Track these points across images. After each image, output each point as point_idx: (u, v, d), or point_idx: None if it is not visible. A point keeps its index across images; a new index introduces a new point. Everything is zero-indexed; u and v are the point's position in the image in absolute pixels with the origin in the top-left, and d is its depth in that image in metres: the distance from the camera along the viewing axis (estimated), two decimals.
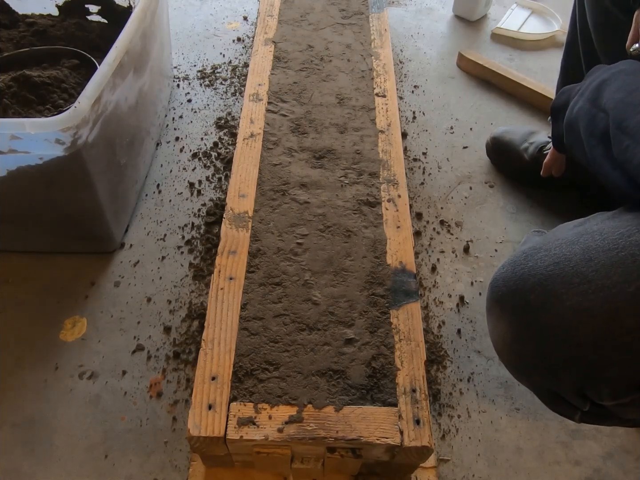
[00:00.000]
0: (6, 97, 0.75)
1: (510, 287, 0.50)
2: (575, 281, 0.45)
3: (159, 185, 0.93)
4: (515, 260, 0.51)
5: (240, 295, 0.62)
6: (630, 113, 0.49)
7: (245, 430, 0.52)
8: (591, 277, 0.44)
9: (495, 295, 0.52)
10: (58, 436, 0.64)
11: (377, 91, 0.90)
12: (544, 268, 0.48)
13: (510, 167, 0.96)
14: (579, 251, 0.47)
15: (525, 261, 0.50)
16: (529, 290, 0.48)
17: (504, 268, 0.52)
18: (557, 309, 0.45)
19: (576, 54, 0.79)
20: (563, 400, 0.49)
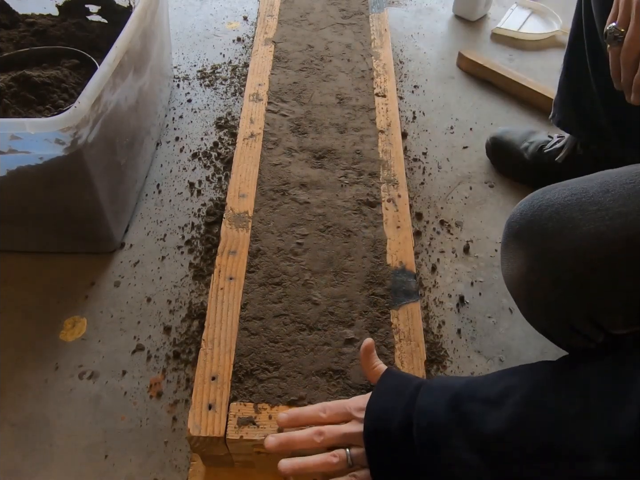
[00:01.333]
0: (6, 97, 0.75)
1: (527, 218, 0.50)
2: (593, 209, 0.46)
3: (159, 185, 0.93)
4: (533, 196, 0.52)
5: (240, 295, 0.62)
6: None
7: (245, 430, 0.52)
8: (608, 205, 0.45)
9: (512, 230, 0.52)
10: (58, 436, 0.64)
11: (377, 91, 0.90)
12: (561, 199, 0.48)
13: (510, 167, 0.96)
14: (596, 184, 0.47)
15: (543, 195, 0.50)
16: (546, 218, 0.48)
17: (521, 204, 0.53)
18: (574, 234, 0.46)
19: (580, 51, 0.79)
20: (577, 333, 0.49)
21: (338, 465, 0.47)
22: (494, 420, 0.41)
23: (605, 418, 0.37)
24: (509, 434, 0.41)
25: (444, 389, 0.47)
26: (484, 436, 0.41)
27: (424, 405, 0.45)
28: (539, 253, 0.49)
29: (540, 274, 0.49)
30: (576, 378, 0.41)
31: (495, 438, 0.41)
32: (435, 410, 0.45)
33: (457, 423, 0.43)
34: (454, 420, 0.43)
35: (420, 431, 0.44)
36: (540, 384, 0.42)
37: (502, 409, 0.42)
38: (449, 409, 0.44)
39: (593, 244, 0.45)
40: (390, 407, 0.47)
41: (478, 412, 0.43)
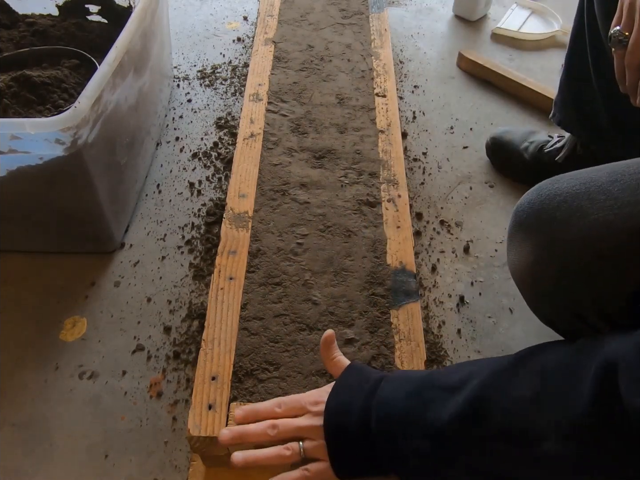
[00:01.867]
0: (6, 97, 0.75)
1: (535, 207, 0.50)
2: (601, 198, 0.45)
3: (159, 185, 0.93)
4: (541, 185, 0.52)
5: (240, 295, 0.62)
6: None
7: None
8: (617, 194, 0.45)
9: (519, 219, 0.52)
10: (58, 436, 0.64)
11: (377, 91, 0.90)
12: (570, 188, 0.48)
13: (510, 167, 0.96)
14: (604, 174, 0.47)
15: (551, 184, 0.50)
16: (554, 207, 0.48)
17: (529, 194, 0.52)
18: (582, 222, 0.46)
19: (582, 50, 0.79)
20: (583, 323, 0.49)
21: (291, 458, 0.47)
22: (451, 405, 0.41)
23: (559, 399, 0.37)
24: (464, 418, 0.40)
25: (404, 380, 0.46)
26: (440, 422, 0.41)
27: (383, 396, 0.45)
28: (547, 242, 0.48)
29: (547, 263, 0.49)
30: (534, 364, 0.41)
31: (450, 423, 0.41)
32: (394, 400, 0.44)
33: (415, 411, 0.43)
34: (412, 409, 0.43)
35: (378, 422, 0.44)
36: (499, 370, 0.42)
37: (459, 395, 0.41)
38: (407, 398, 0.44)
39: (601, 233, 0.44)
40: (349, 401, 0.46)
41: (436, 398, 0.42)
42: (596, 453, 0.35)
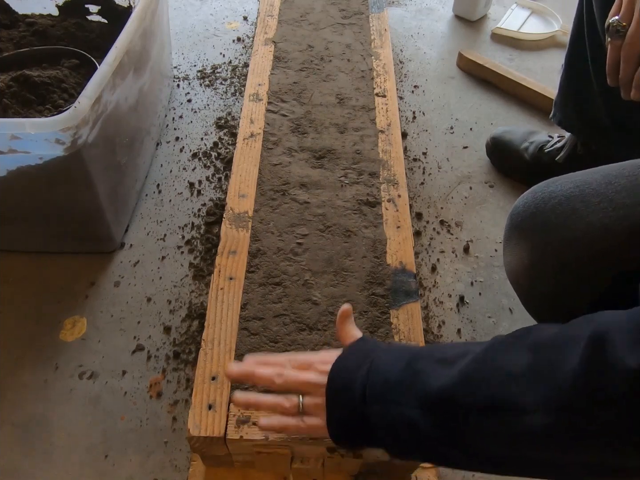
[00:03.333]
0: (6, 97, 0.75)
1: (530, 210, 0.50)
2: (595, 200, 0.46)
3: (159, 185, 0.93)
4: (535, 189, 0.52)
5: (240, 295, 0.62)
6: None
7: (245, 430, 0.52)
8: (611, 196, 0.45)
9: (515, 221, 0.52)
10: (58, 436, 0.64)
11: (377, 91, 0.90)
12: (564, 191, 0.49)
13: (510, 167, 0.96)
14: (599, 177, 0.48)
15: (546, 187, 0.51)
16: (549, 210, 0.48)
17: (524, 197, 0.53)
18: (577, 225, 0.46)
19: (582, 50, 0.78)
20: None
21: (289, 410, 0.47)
22: (444, 376, 0.41)
23: (549, 371, 0.36)
24: (455, 389, 0.40)
25: (403, 350, 0.46)
26: (432, 392, 0.41)
27: (381, 363, 0.45)
28: (543, 244, 0.49)
29: (543, 265, 0.49)
30: (527, 340, 0.40)
31: (441, 394, 0.40)
32: (391, 367, 0.44)
33: (408, 379, 0.43)
34: (407, 377, 0.43)
35: (373, 387, 0.44)
36: (494, 346, 0.41)
37: (452, 368, 0.41)
38: (404, 367, 0.43)
39: (596, 236, 0.45)
40: (355, 365, 0.46)
41: (431, 369, 0.42)
42: (585, 424, 0.34)
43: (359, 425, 0.44)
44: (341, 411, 0.45)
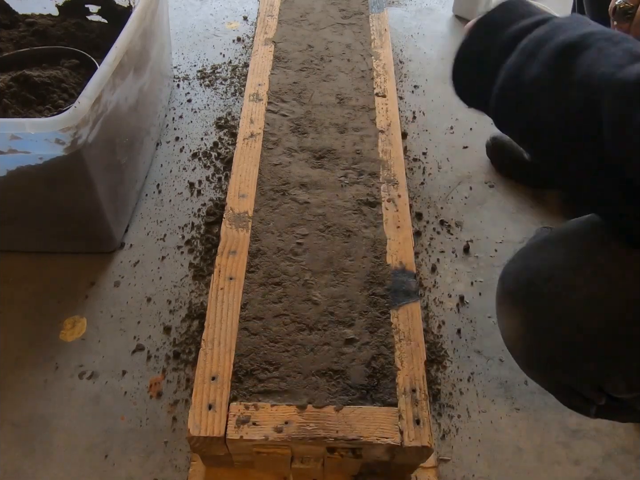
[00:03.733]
0: (6, 97, 0.75)
1: (522, 279, 0.48)
2: (590, 271, 0.44)
3: (159, 185, 0.93)
4: (526, 253, 0.50)
5: (240, 295, 0.62)
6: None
7: (245, 430, 0.52)
8: (606, 266, 0.43)
9: (507, 288, 0.50)
10: (58, 436, 0.64)
11: (377, 91, 0.90)
12: (555, 260, 0.46)
13: (510, 167, 0.96)
14: (592, 241, 0.45)
15: (537, 252, 0.49)
16: (542, 280, 0.46)
17: (514, 261, 0.51)
18: (571, 299, 0.44)
19: None
20: (578, 395, 0.48)
21: None
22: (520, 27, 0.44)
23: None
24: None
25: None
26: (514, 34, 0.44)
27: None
28: (536, 317, 0.47)
29: (537, 340, 0.48)
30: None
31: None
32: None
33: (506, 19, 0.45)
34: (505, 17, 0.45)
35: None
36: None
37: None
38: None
39: (592, 311, 0.43)
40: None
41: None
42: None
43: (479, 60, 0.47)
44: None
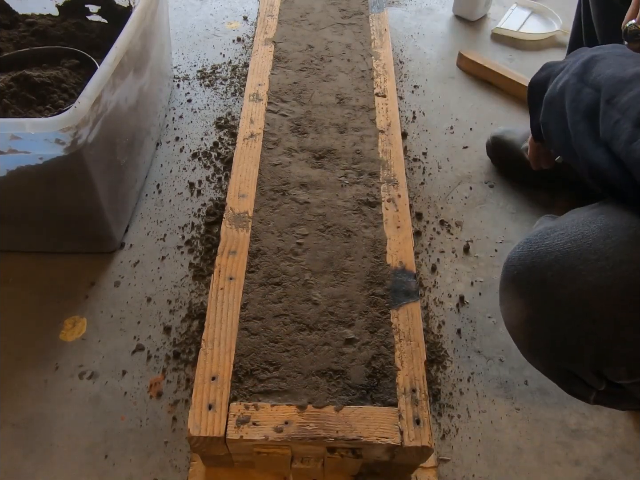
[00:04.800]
0: (6, 97, 0.75)
1: (526, 264, 0.49)
2: (593, 258, 0.44)
3: (159, 185, 0.93)
4: (531, 239, 0.51)
5: (240, 295, 0.62)
6: (622, 89, 0.47)
7: (245, 430, 0.52)
8: (609, 253, 0.44)
9: (511, 274, 0.51)
10: (58, 436, 0.64)
11: (377, 91, 0.90)
12: (561, 245, 0.47)
13: (510, 167, 0.96)
14: (596, 229, 0.46)
15: (542, 239, 0.49)
16: (546, 267, 0.47)
17: (519, 247, 0.52)
18: (574, 285, 0.45)
19: None
20: (578, 380, 0.49)
21: None
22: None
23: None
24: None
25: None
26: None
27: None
28: (539, 303, 0.48)
29: (540, 324, 0.48)
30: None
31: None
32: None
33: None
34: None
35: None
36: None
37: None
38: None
39: (594, 297, 0.44)
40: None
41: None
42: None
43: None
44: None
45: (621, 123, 0.46)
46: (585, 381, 0.48)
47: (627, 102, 0.46)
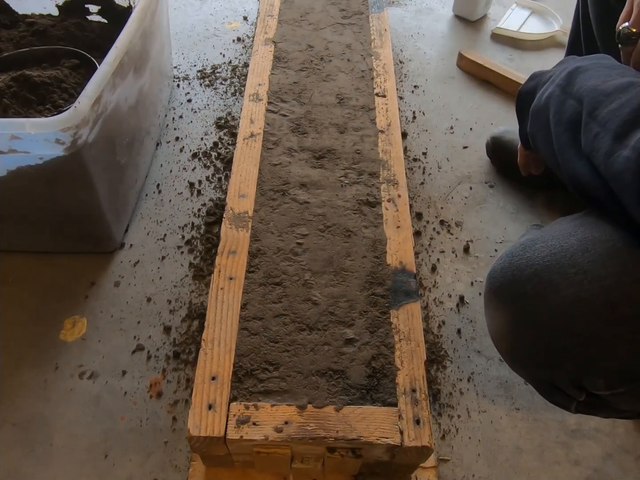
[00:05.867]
0: (6, 97, 0.75)
1: (507, 277, 0.50)
2: (572, 271, 0.45)
3: (159, 185, 0.93)
4: (513, 252, 0.51)
5: (240, 295, 0.62)
6: (603, 101, 0.48)
7: (245, 430, 0.52)
8: (587, 267, 0.44)
9: (493, 286, 0.52)
10: (58, 436, 0.64)
11: (377, 91, 0.90)
12: (541, 259, 0.48)
13: (510, 167, 0.96)
14: (576, 242, 0.47)
15: (523, 252, 0.50)
16: (525, 280, 0.48)
17: (502, 259, 0.52)
18: (553, 299, 0.45)
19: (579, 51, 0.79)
20: (559, 391, 0.49)
21: None
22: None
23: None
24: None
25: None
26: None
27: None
28: (519, 316, 0.48)
29: (520, 337, 0.49)
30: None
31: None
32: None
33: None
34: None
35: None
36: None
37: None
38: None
39: (572, 311, 0.44)
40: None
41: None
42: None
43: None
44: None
45: (601, 136, 0.46)
46: (566, 392, 0.49)
47: (607, 115, 0.46)
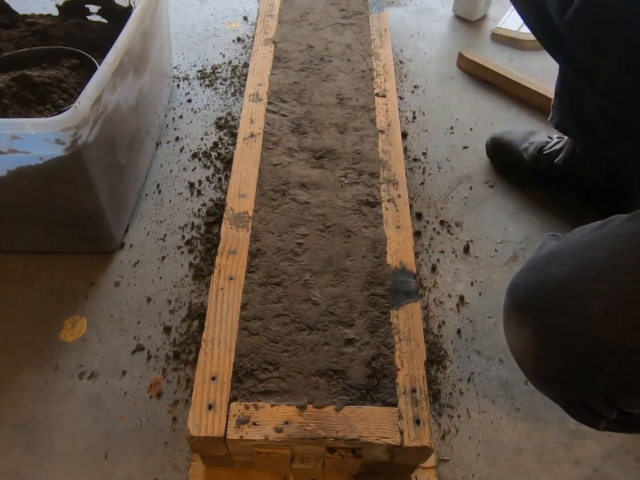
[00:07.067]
0: (6, 97, 0.75)
1: (532, 292, 0.48)
2: (602, 287, 0.43)
3: (159, 185, 0.93)
4: (536, 266, 0.49)
5: (240, 295, 0.62)
6: None
7: (245, 430, 0.52)
8: (618, 283, 0.42)
9: (516, 302, 0.50)
10: (58, 436, 0.64)
11: (377, 91, 0.90)
12: (567, 273, 0.45)
13: (510, 167, 0.96)
14: (604, 255, 0.44)
15: (547, 266, 0.48)
16: (552, 295, 0.46)
17: (524, 274, 0.50)
18: (583, 315, 0.43)
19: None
20: (588, 409, 0.48)
21: None
22: None
23: None
24: None
25: None
26: None
27: None
28: (546, 333, 0.46)
29: (547, 355, 0.47)
30: None
31: None
32: None
33: None
34: None
35: None
36: None
37: None
38: None
39: (604, 327, 0.42)
40: None
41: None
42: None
43: None
44: None
45: None
46: (596, 410, 0.47)
47: None
